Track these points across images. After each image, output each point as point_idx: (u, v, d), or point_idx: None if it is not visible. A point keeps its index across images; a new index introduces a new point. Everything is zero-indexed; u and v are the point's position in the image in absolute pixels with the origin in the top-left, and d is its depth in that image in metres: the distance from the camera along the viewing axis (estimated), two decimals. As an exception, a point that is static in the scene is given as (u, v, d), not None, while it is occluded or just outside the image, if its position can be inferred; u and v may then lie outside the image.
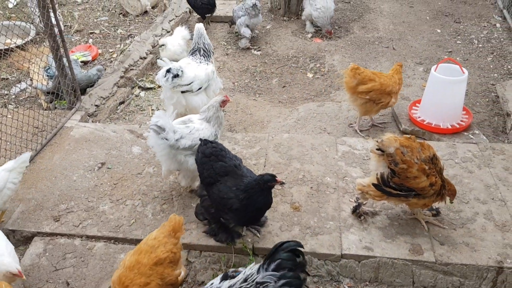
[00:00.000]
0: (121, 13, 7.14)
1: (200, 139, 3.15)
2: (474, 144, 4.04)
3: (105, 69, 5.56)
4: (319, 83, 5.65)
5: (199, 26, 4.31)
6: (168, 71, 3.90)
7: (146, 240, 2.73)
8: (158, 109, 5.15)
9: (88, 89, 5.19)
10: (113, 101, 5.14)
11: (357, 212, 3.34)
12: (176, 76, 3.94)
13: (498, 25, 6.48)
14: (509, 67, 5.56)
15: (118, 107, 5.15)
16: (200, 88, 4.19)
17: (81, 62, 5.85)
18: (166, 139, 3.20)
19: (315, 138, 4.27)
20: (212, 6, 6.71)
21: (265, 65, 6.09)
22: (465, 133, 4.36)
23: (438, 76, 4.29)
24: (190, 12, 7.25)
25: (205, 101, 4.01)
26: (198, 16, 6.98)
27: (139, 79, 5.58)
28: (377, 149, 3.01)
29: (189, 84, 4.10)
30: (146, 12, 7.04)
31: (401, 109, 4.74)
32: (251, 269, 2.41)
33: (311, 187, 3.64)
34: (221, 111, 3.49)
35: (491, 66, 5.61)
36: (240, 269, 2.54)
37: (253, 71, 5.96)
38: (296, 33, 6.72)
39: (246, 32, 6.26)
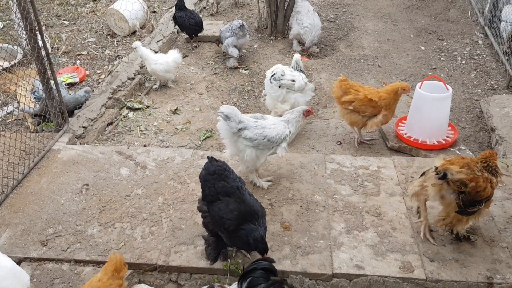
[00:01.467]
0: (109, 34, 7.17)
1: (208, 157, 3.16)
2: (461, 160, 4.09)
3: (93, 91, 5.55)
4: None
5: (297, 57, 4.93)
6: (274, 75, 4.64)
7: (90, 283, 2.66)
8: (147, 130, 5.16)
9: (75, 111, 5.17)
10: (101, 122, 5.13)
11: (460, 237, 3.32)
12: (282, 75, 4.64)
13: (480, 41, 6.62)
14: (492, 82, 5.68)
15: (106, 129, 5.14)
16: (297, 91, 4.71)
17: (69, 83, 5.85)
18: (230, 126, 3.52)
19: (304, 156, 4.29)
20: (200, 27, 6.78)
21: (253, 83, 6.14)
22: (452, 149, 4.42)
23: (423, 93, 4.36)
24: (177, 32, 7.31)
25: (300, 101, 4.64)
26: (186, 36, 7.03)
27: (127, 100, 5.58)
28: (439, 178, 3.02)
29: (292, 81, 4.67)
30: (134, 33, 7.07)
31: (388, 126, 4.79)
32: (230, 286, 2.47)
33: (301, 206, 3.64)
34: (302, 119, 3.85)
35: (475, 82, 5.72)
36: (225, 286, 2.58)
37: (241, 90, 6.00)
38: (283, 52, 6.79)
39: (234, 52, 6.32)
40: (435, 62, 6.24)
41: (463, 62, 6.19)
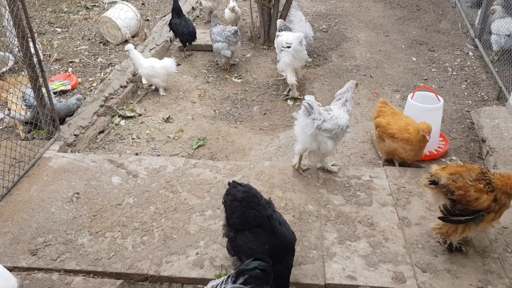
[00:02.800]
0: (102, 42, 7.15)
1: (229, 182, 3.01)
2: (452, 170, 4.12)
3: (85, 98, 5.53)
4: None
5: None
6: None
7: None
8: (139, 138, 5.13)
9: (67, 119, 5.14)
10: (93, 130, 5.09)
11: (452, 248, 3.31)
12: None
13: (470, 53, 6.70)
14: (482, 94, 5.74)
15: (98, 137, 5.10)
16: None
17: (61, 91, 5.81)
18: (314, 119, 3.65)
19: (297, 165, 4.29)
20: (193, 37, 6.81)
21: (246, 92, 6.14)
22: (443, 159, 4.45)
23: (415, 104, 4.39)
24: (170, 41, 7.31)
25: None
26: (179, 44, 7.04)
27: (119, 108, 5.55)
28: (429, 184, 3.08)
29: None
30: (126, 41, 7.06)
31: (380, 136, 4.82)
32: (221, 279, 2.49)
33: (293, 216, 3.64)
34: (354, 93, 4.10)
35: (465, 93, 5.78)
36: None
37: (234, 99, 6.00)
38: (276, 61, 6.79)
39: (227, 53, 6.36)
40: (427, 73, 6.29)
41: (454, 73, 6.26)
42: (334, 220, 3.59)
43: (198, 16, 8.34)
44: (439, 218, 3.13)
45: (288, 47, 5.69)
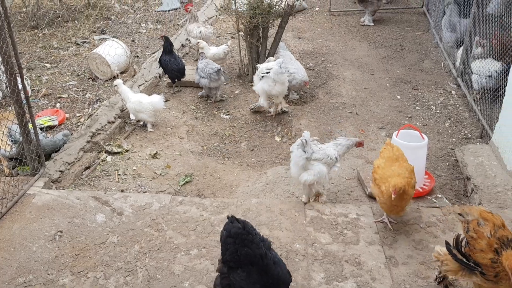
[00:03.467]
0: (91, 78, 7.20)
1: (228, 216, 2.97)
2: (438, 209, 4.15)
3: (72, 134, 5.50)
4: (286, 146, 5.75)
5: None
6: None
7: None
8: (125, 174, 5.10)
9: (53, 155, 5.09)
10: (79, 166, 5.05)
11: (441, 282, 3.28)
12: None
13: (453, 92, 6.87)
14: (466, 132, 5.85)
15: (84, 173, 5.06)
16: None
17: (48, 126, 5.79)
18: (304, 152, 4.08)
19: (284, 203, 4.29)
20: (182, 74, 6.90)
21: (234, 128, 6.18)
22: (429, 197, 4.48)
23: (400, 142, 4.45)
24: (159, 77, 7.39)
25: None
26: (168, 81, 7.11)
27: (106, 144, 5.54)
28: (459, 214, 3.05)
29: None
30: (115, 77, 7.12)
31: (367, 173, 4.86)
32: None
33: (281, 255, 3.57)
34: (352, 148, 4.45)
35: (449, 131, 5.89)
36: None
37: (222, 135, 6.03)
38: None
39: (205, 83, 6.54)
40: (411, 111, 6.42)
41: (438, 111, 6.39)
42: (321, 259, 3.56)
43: (187, 53, 8.46)
44: (446, 244, 3.05)
45: (268, 72, 5.88)
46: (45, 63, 7.77)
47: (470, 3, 6.61)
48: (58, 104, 6.46)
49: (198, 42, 7.31)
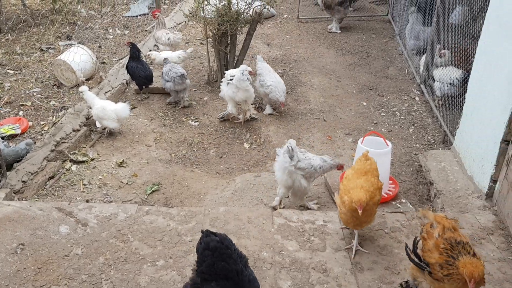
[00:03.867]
0: (55, 85, 7.04)
1: (202, 231, 2.94)
2: (402, 214, 4.24)
3: (35, 143, 5.36)
4: (255, 153, 5.78)
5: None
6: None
7: None
8: (91, 184, 5.00)
9: (15, 165, 4.95)
10: (42, 176, 4.93)
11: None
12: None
13: (417, 98, 7.06)
14: (429, 137, 6.01)
15: (47, 183, 4.94)
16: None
17: (10, 135, 5.62)
18: (290, 158, 4.16)
19: (252, 210, 4.29)
20: (149, 80, 6.85)
21: (202, 135, 6.16)
22: (393, 202, 4.57)
23: (365, 148, 4.52)
24: (127, 83, 7.30)
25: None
26: (136, 87, 7.03)
27: (71, 152, 5.42)
28: (419, 217, 3.23)
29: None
30: (81, 83, 6.98)
31: (334, 179, 4.92)
32: None
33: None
34: (331, 170, 4.54)
35: (413, 137, 6.05)
36: None
37: (190, 142, 6.00)
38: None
39: (171, 87, 6.59)
40: (376, 117, 6.55)
41: (402, 117, 6.55)
42: (289, 267, 3.58)
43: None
44: (406, 246, 3.22)
45: (231, 79, 5.95)
46: (8, 69, 7.55)
47: (432, 12, 6.81)
48: (21, 112, 6.28)
49: (148, 54, 7.35)
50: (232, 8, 6.80)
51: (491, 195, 4.37)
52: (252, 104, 6.40)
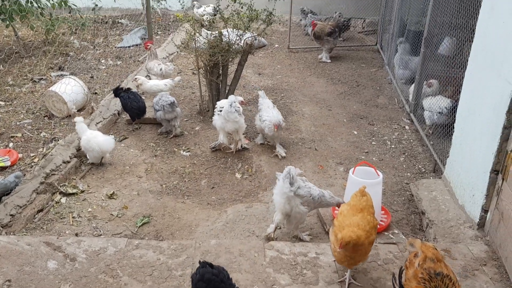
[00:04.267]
0: (46, 116, 7.03)
1: (200, 261, 3.00)
2: (394, 245, 4.22)
3: (25, 175, 5.30)
4: (247, 183, 5.76)
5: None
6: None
7: None
8: (80, 217, 4.94)
9: (3, 198, 4.87)
10: (31, 209, 4.86)
11: None
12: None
13: (407, 127, 7.13)
14: (420, 166, 6.04)
15: (36, 216, 4.87)
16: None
17: (-1, 167, 5.58)
18: (290, 184, 4.16)
19: (243, 243, 4.25)
20: (142, 112, 6.89)
21: (194, 166, 6.14)
22: (386, 233, 4.55)
23: (356, 179, 4.54)
24: (118, 114, 7.30)
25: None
26: (128, 118, 7.04)
27: (61, 184, 5.37)
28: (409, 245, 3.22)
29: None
30: (72, 115, 6.99)
31: (326, 209, 4.90)
32: None
33: (239, 298, 3.54)
34: (327, 207, 4.59)
35: (404, 166, 6.07)
36: None
37: (182, 172, 5.98)
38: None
39: (164, 121, 6.72)
40: (367, 146, 6.59)
41: (393, 146, 6.59)
42: (281, 301, 3.52)
43: (147, 90, 8.42)
44: (392, 275, 3.26)
45: (220, 110, 6.07)
46: (-1, 100, 7.55)
47: (420, 42, 6.95)
48: (11, 144, 6.24)
49: (136, 78, 7.43)
50: (223, 40, 6.89)
51: (483, 225, 4.37)
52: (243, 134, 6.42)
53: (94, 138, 5.78)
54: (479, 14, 4.67)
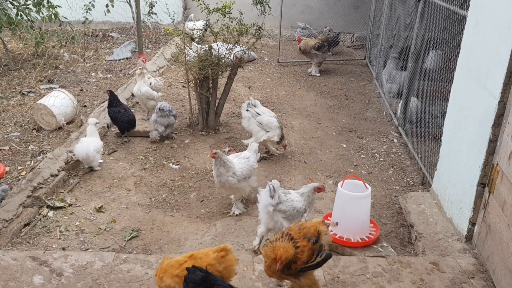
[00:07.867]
0: (35, 129, 6.98)
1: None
2: (383, 258, 4.22)
3: (11, 189, 5.25)
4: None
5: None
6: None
7: None
8: (68, 230, 4.88)
9: (-11, 212, 4.82)
10: (17, 223, 4.80)
11: None
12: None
13: (395, 140, 7.19)
14: (408, 179, 6.09)
15: (22, 230, 4.80)
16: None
17: (-15, 181, 5.51)
18: (271, 197, 4.21)
19: (232, 257, 4.21)
20: (132, 125, 6.89)
21: (183, 179, 6.12)
22: (375, 246, 4.56)
23: (344, 192, 4.56)
24: (108, 127, 7.28)
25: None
26: (117, 131, 7.02)
27: (49, 198, 5.31)
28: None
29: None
30: (60, 127, 6.95)
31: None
32: None
33: (228, 313, 3.50)
34: (314, 195, 4.46)
35: (393, 179, 6.11)
36: None
37: (171, 186, 5.95)
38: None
39: (159, 127, 6.84)
40: (356, 159, 6.63)
41: (381, 159, 6.64)
42: (269, 316, 3.50)
43: (137, 103, 8.41)
44: None
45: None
46: (-14, 113, 7.48)
47: (407, 57, 7.06)
48: (-2, 157, 6.18)
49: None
50: (213, 54, 6.94)
51: (471, 237, 4.40)
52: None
53: (88, 145, 5.98)
54: (464, 30, 4.76)
